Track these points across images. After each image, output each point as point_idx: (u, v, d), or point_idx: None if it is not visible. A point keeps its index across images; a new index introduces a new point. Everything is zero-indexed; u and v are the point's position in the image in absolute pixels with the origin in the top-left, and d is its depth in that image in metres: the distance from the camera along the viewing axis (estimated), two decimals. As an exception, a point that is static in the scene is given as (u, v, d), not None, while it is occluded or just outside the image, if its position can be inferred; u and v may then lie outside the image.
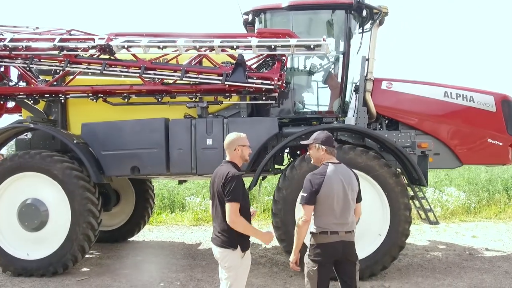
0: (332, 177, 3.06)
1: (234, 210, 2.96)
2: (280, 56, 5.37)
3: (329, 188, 3.02)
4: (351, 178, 3.18)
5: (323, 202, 3.03)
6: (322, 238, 3.05)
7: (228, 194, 2.98)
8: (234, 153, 3.21)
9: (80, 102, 6.20)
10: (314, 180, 3.06)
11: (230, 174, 3.01)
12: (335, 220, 3.04)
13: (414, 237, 7.73)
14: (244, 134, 3.34)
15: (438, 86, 5.87)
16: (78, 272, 5.78)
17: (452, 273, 5.42)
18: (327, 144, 3.21)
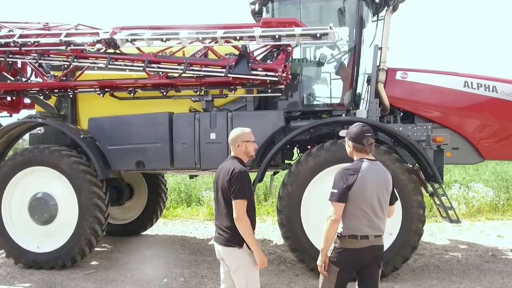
0: (367, 175, 2.77)
1: (241, 208, 2.84)
2: (285, 46, 5.14)
3: (362, 187, 2.73)
4: (387, 177, 2.90)
5: (355, 202, 2.75)
6: (350, 243, 2.77)
7: (234, 191, 2.86)
8: (238, 149, 3.10)
9: (90, 97, 6.23)
10: (347, 175, 2.77)
11: (236, 170, 2.89)
12: (367, 223, 2.75)
13: (434, 235, 7.36)
14: (249, 129, 3.22)
15: (457, 75, 5.46)
16: (87, 265, 5.83)
17: (471, 276, 5.07)
18: (355, 141, 2.89)
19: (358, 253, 2.77)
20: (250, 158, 3.20)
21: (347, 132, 2.99)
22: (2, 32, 5.97)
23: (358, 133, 2.89)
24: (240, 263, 2.90)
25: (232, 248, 2.90)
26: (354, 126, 2.95)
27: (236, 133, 3.14)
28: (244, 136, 3.12)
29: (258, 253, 2.89)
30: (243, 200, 2.85)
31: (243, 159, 3.12)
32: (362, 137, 2.88)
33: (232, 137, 3.13)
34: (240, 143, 3.09)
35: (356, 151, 2.91)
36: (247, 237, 2.85)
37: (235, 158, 3.09)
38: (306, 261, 5.02)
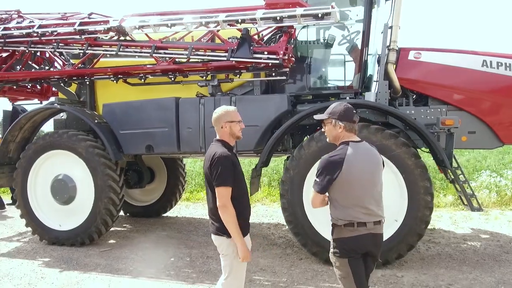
0: (353, 159, 2.56)
1: (224, 196, 2.69)
2: (288, 28, 5.03)
3: (350, 174, 2.54)
4: (376, 156, 2.71)
5: (344, 191, 2.58)
6: (348, 231, 2.59)
7: (215, 178, 2.69)
8: (222, 131, 2.88)
9: (106, 84, 6.46)
10: (330, 164, 2.57)
11: (216, 155, 2.72)
12: (363, 210, 2.57)
13: (456, 224, 7.02)
14: (233, 108, 2.97)
15: (475, 54, 5.09)
16: (104, 243, 6.17)
17: (483, 267, 4.81)
18: (345, 119, 2.64)
19: (358, 240, 2.59)
20: (237, 140, 2.96)
21: (331, 113, 2.71)
22: (24, 23, 6.32)
23: (346, 111, 2.67)
24: (227, 252, 2.80)
25: (221, 237, 2.79)
26: (337, 105, 2.71)
27: (218, 113, 2.88)
28: (228, 116, 2.86)
29: (241, 246, 2.72)
30: (225, 188, 2.69)
31: (229, 142, 2.90)
32: (352, 114, 2.68)
33: (215, 117, 2.89)
34: (224, 124, 2.85)
35: (347, 131, 2.67)
36: (230, 227, 2.70)
37: (219, 141, 2.88)
38: (308, 245, 4.99)
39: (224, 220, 2.72)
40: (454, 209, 8.10)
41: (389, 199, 4.69)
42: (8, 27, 6.32)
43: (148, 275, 4.71)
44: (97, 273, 4.84)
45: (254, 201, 9.52)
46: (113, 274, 4.79)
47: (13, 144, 6.55)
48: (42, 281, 4.57)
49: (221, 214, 2.71)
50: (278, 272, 4.75)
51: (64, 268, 5.04)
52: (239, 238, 2.72)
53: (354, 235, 2.58)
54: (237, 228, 2.72)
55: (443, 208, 8.27)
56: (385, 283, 4.34)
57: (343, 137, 2.69)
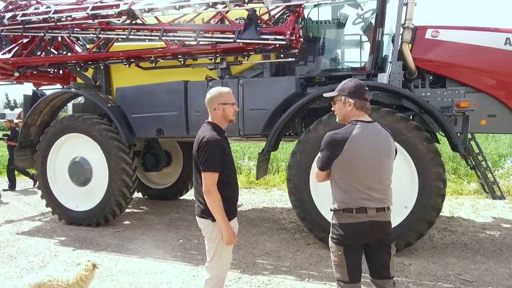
0: (359, 139, 2.39)
1: (209, 181, 2.64)
2: (295, 7, 4.86)
3: (352, 155, 2.39)
4: (388, 141, 2.49)
5: (345, 172, 2.42)
6: (346, 217, 2.45)
7: (202, 162, 2.65)
8: (215, 113, 2.78)
9: (121, 68, 6.53)
10: (333, 141, 2.43)
11: (204, 139, 2.65)
12: (363, 195, 2.41)
13: (477, 212, 6.72)
14: (228, 89, 2.85)
15: (498, 31, 4.74)
16: (119, 224, 6.35)
17: (499, 257, 4.58)
18: (356, 96, 2.47)
19: (357, 228, 2.42)
20: (230, 123, 2.87)
21: (341, 90, 2.53)
22: (41, 9, 6.45)
23: (357, 87, 2.49)
24: (211, 235, 2.77)
25: (206, 220, 2.76)
26: (348, 81, 2.54)
27: (212, 94, 2.78)
28: (221, 97, 2.76)
29: (226, 230, 2.68)
30: (212, 173, 2.64)
31: (221, 125, 2.81)
32: (363, 91, 2.49)
33: (207, 99, 2.80)
34: (217, 105, 2.76)
35: (357, 109, 2.49)
36: (215, 212, 2.66)
37: (209, 124, 2.80)
38: (315, 231, 4.92)
39: (209, 205, 2.69)
40: (478, 197, 7.74)
41: (399, 185, 4.57)
42: (27, 13, 6.48)
43: (155, 256, 4.81)
44: (107, 252, 4.99)
45: (271, 186, 9.51)
46: (122, 254, 4.93)
47: (34, 128, 6.80)
48: (54, 259, 4.77)
49: (206, 199, 2.68)
50: (282, 257, 4.72)
51: (78, 247, 5.24)
52: (224, 222, 2.69)
53: (353, 222, 2.43)
54: (222, 212, 2.69)
55: (466, 195, 7.93)
56: (391, 270, 4.21)
57: (353, 116, 2.51)
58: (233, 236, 2.75)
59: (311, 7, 5.38)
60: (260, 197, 8.42)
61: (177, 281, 4.09)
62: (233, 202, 2.86)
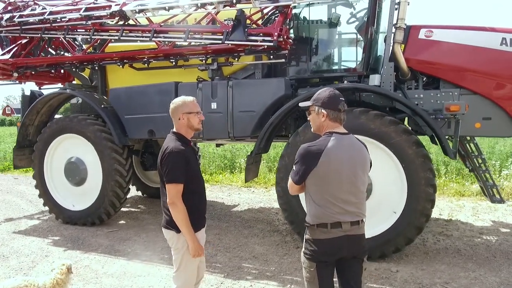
0: (334, 152, 2.32)
1: (173, 193, 2.60)
2: (283, 8, 4.78)
3: (327, 168, 2.32)
4: (362, 154, 2.43)
5: (320, 186, 2.35)
6: (321, 233, 2.37)
7: (165, 173, 2.61)
8: (180, 123, 2.74)
9: (117, 68, 6.56)
10: (308, 154, 2.36)
11: (167, 150, 2.62)
12: (338, 209, 2.34)
13: (477, 215, 6.55)
14: (192, 98, 2.81)
15: (493, 31, 4.57)
16: (114, 223, 6.41)
17: (491, 265, 4.45)
18: (329, 107, 2.39)
19: (332, 244, 2.36)
20: (196, 132, 2.84)
21: (315, 99, 2.46)
22: (37, 10, 6.51)
23: (331, 97, 2.40)
24: (176, 246, 2.76)
25: (170, 231, 2.74)
26: (322, 91, 2.46)
27: (175, 104, 2.74)
28: (185, 107, 2.73)
29: (192, 242, 2.65)
30: (175, 184, 2.59)
31: (186, 135, 2.77)
32: (337, 101, 2.40)
33: (172, 108, 2.76)
34: (181, 115, 2.72)
35: (330, 120, 2.41)
36: (181, 224, 2.63)
37: (174, 134, 2.75)
38: (303, 234, 4.85)
39: (174, 217, 2.65)
40: (480, 198, 7.55)
41: (388, 190, 4.51)
42: (23, 14, 6.54)
43: (143, 258, 4.83)
44: (97, 253, 5.04)
45: (270, 185, 9.46)
46: (110, 255, 4.97)
47: (32, 128, 6.90)
48: (44, 260, 4.84)
49: (171, 210, 2.65)
50: (269, 261, 4.69)
51: (69, 247, 5.30)
52: (190, 234, 2.66)
53: (328, 238, 2.36)
54: (188, 224, 2.65)
55: (468, 197, 7.74)
56: (376, 277, 4.15)
57: (327, 127, 2.44)
58: (199, 248, 2.72)
59: (302, 7, 5.28)
60: (259, 197, 8.39)
61: (159, 285, 4.10)
62: (200, 213, 2.83)
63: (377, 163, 4.52)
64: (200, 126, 2.83)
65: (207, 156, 11.70)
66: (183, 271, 2.77)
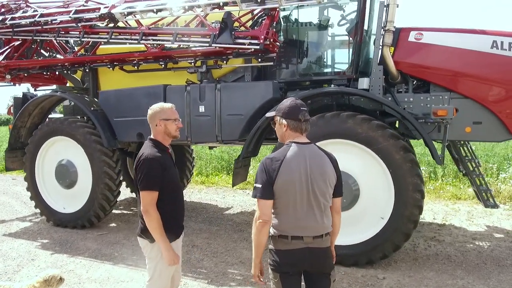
0: (293, 162, 2.28)
1: (147, 200, 2.57)
2: (270, 10, 4.72)
3: (287, 178, 2.26)
4: (323, 164, 2.36)
5: (280, 197, 2.30)
6: (282, 244, 2.34)
7: (139, 180, 2.58)
8: (157, 129, 2.73)
9: (108, 71, 6.54)
10: (269, 166, 2.29)
11: (142, 156, 2.60)
12: (297, 221, 2.29)
13: (471, 220, 6.46)
14: (170, 105, 2.80)
15: (484, 34, 4.48)
16: (105, 226, 6.39)
17: (480, 272, 4.37)
18: (289, 116, 2.36)
19: (292, 255, 2.32)
20: (174, 139, 2.81)
21: (277, 110, 2.45)
22: (29, 12, 6.50)
23: (292, 108, 2.38)
24: (150, 255, 2.72)
25: (144, 240, 2.71)
26: (285, 101, 2.44)
27: (153, 110, 2.73)
28: (163, 113, 2.72)
29: (166, 251, 2.61)
30: (149, 192, 2.56)
31: (163, 141, 2.75)
32: (297, 111, 2.37)
33: (149, 114, 2.74)
34: (159, 121, 2.70)
35: (291, 130, 2.38)
36: (154, 233, 2.58)
37: (151, 140, 2.74)
38: (290, 240, 4.80)
39: (148, 225, 2.60)
40: (476, 202, 7.43)
41: (376, 195, 4.45)
42: (15, 16, 6.54)
43: (128, 263, 4.80)
44: (84, 257, 5.01)
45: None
46: (97, 259, 4.94)
47: (24, 130, 6.90)
48: (30, 263, 4.82)
49: (145, 218, 2.60)
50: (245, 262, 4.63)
51: (57, 250, 5.28)
52: (164, 243, 2.62)
53: (288, 249, 2.32)
54: (162, 233, 2.60)
55: (464, 201, 7.64)
56: (361, 285, 4.08)
57: (288, 137, 2.41)
58: (175, 257, 2.67)
59: (291, 10, 5.22)
60: (253, 199, 8.31)
61: (142, 291, 4.06)
62: (176, 221, 2.79)
63: (365, 168, 4.50)
64: (177, 134, 2.80)
65: (204, 158, 11.68)
66: (157, 280, 2.73)
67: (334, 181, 2.42)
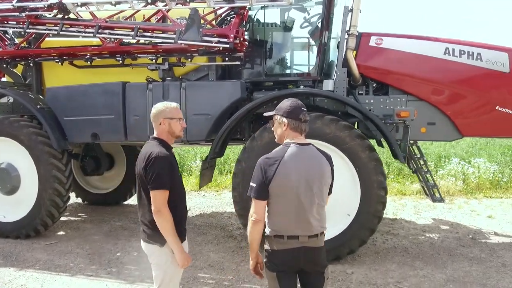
0: (291, 163, 2.28)
1: (160, 199, 2.47)
2: (239, 9, 4.68)
3: (284, 179, 2.27)
4: (322, 165, 2.37)
5: (277, 197, 2.30)
6: (278, 244, 2.34)
7: (151, 180, 2.47)
8: (160, 128, 2.65)
9: (55, 66, 6.00)
10: (266, 166, 2.29)
11: (153, 155, 2.48)
12: (294, 222, 2.31)
13: (419, 214, 6.96)
14: (175, 104, 2.73)
15: (438, 41, 4.86)
16: (53, 235, 5.86)
17: (436, 262, 4.71)
18: (291, 116, 2.36)
19: (288, 254, 2.34)
20: (177, 139, 2.75)
21: (277, 109, 2.44)
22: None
23: (293, 107, 2.38)
24: (159, 261, 2.60)
25: (153, 246, 2.57)
26: (285, 101, 2.44)
27: (157, 109, 2.65)
28: (167, 112, 2.63)
29: (180, 253, 2.53)
30: (162, 191, 2.47)
31: (168, 140, 2.67)
32: (299, 111, 2.38)
33: (153, 113, 2.66)
34: (162, 120, 2.62)
35: (291, 129, 2.38)
36: (167, 234, 2.49)
37: (155, 139, 2.64)
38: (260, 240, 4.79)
39: (160, 226, 2.49)
40: (420, 197, 8.04)
41: (342, 193, 4.56)
42: None
43: (88, 273, 4.46)
44: (34, 270, 4.56)
45: (222, 187, 9.31)
46: (50, 271, 4.52)
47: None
48: (-30, 281, 4.27)
49: (156, 219, 2.48)
50: (226, 269, 4.55)
51: (1, 264, 4.74)
52: (177, 244, 2.53)
53: (284, 248, 2.33)
54: (175, 234, 2.51)
55: (409, 196, 8.21)
56: (333, 280, 4.19)
57: (288, 137, 2.40)
58: (187, 258, 2.60)
59: (256, 10, 5.21)
60: (210, 200, 8.20)
61: (109, 303, 3.79)
62: (181, 223, 2.66)
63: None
64: (181, 133, 2.74)
65: (153, 159, 11.22)
66: (168, 285, 2.61)
67: (330, 182, 2.46)
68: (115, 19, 5.27)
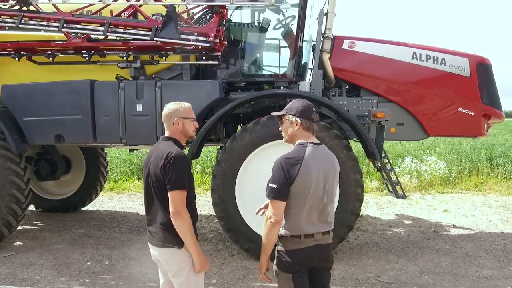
0: (311, 163, 2.28)
1: (179, 200, 2.35)
2: (218, 8, 4.61)
3: (306, 179, 2.26)
4: (334, 164, 2.44)
5: (297, 197, 2.29)
6: (293, 244, 2.34)
7: (171, 180, 2.34)
8: (173, 128, 2.54)
9: (9, 61, 5.49)
10: (288, 166, 2.26)
11: (172, 154, 2.36)
12: (313, 220, 2.33)
13: (382, 210, 7.30)
14: (188, 104, 2.64)
15: (406, 46, 5.12)
16: (9, 246, 5.37)
17: (408, 255, 4.98)
18: (303, 116, 2.36)
19: (303, 253, 2.34)
20: (189, 139, 2.66)
21: (288, 109, 2.43)
22: None
23: (305, 107, 2.38)
24: (180, 266, 2.44)
25: (170, 249, 2.43)
26: (296, 101, 2.45)
27: (170, 108, 2.55)
28: (181, 112, 2.55)
29: (198, 255, 2.43)
30: (182, 191, 2.36)
31: (180, 140, 2.57)
32: (311, 111, 2.40)
33: (166, 112, 2.55)
34: (176, 120, 2.52)
35: (304, 129, 2.38)
36: (186, 236, 2.38)
37: (170, 139, 2.53)
38: (240, 242, 4.76)
39: (178, 228, 2.36)
40: (380, 194, 8.44)
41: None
42: None
43: (58, 285, 4.13)
44: (-5, 285, 4.14)
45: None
46: (14, 285, 4.13)
47: None
48: None
49: (175, 221, 2.34)
50: (208, 273, 4.44)
51: (-48, 281, 4.25)
52: (196, 247, 2.43)
53: (301, 248, 2.34)
54: (193, 235, 2.42)
55: (369, 193, 8.59)
56: (317, 278, 4.26)
57: (300, 137, 2.40)
58: (206, 261, 2.49)
59: (233, 10, 5.17)
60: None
61: (89, 316, 3.55)
62: (194, 226, 2.53)
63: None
64: (194, 134, 2.66)
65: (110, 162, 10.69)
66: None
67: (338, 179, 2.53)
68: (79, 13, 4.94)
